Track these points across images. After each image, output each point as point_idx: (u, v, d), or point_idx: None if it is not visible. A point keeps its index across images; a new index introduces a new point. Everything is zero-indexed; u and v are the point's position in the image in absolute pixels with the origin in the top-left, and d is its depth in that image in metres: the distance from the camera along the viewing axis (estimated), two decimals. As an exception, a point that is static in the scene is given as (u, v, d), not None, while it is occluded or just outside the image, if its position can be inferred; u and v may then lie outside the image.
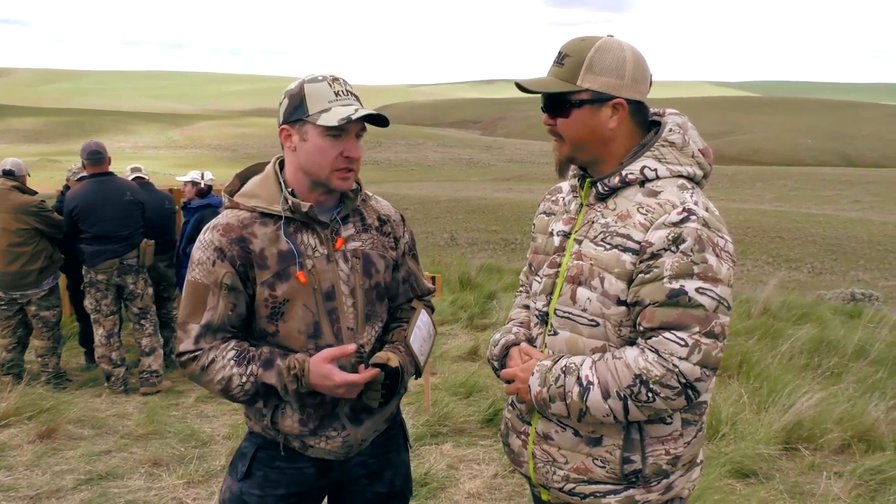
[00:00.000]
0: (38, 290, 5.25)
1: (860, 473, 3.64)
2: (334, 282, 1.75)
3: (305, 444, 1.80)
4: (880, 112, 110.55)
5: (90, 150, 5.26)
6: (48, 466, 3.82)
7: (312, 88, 1.69)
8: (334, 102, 1.68)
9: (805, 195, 42.34)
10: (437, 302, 7.37)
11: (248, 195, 1.76)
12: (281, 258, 1.71)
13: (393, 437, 1.96)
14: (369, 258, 1.81)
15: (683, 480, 1.66)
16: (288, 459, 1.82)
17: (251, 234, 1.71)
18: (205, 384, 1.73)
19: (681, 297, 1.48)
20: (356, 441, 1.83)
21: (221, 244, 1.70)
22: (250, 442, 1.87)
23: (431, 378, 4.90)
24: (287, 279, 1.71)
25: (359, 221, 1.83)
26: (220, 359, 1.69)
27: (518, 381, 1.67)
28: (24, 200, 5.21)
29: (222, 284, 1.69)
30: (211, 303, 1.69)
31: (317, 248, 1.74)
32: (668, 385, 1.48)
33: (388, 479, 1.93)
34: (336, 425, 1.79)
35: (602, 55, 1.56)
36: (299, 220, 1.73)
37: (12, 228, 5.13)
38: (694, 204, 1.53)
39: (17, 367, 5.35)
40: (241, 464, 1.85)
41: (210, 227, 1.74)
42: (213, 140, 78.26)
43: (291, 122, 1.70)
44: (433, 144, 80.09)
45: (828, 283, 18.66)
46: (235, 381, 1.67)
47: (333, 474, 1.85)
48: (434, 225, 28.19)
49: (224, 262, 1.69)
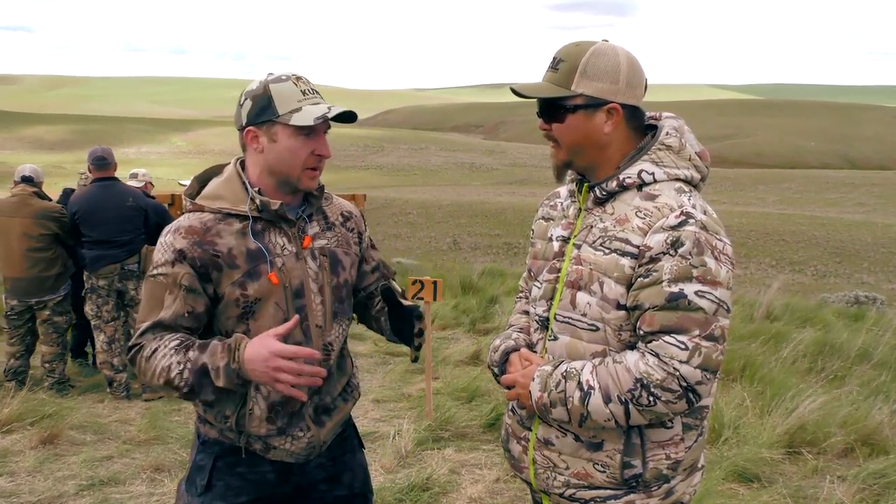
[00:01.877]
0: (56, 295, 5.27)
1: (864, 477, 3.62)
2: (303, 279, 1.75)
3: (268, 445, 1.78)
4: (883, 114, 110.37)
5: (96, 154, 5.30)
6: (50, 472, 3.82)
7: (279, 88, 1.68)
8: (303, 101, 1.68)
9: (808, 198, 42.28)
10: (439, 306, 7.36)
11: (212, 197, 1.74)
12: (250, 257, 1.70)
13: (347, 439, 1.95)
14: (336, 256, 1.82)
15: (684, 485, 1.65)
16: (249, 464, 1.79)
17: (216, 235, 1.70)
18: (150, 379, 1.65)
19: (680, 300, 1.48)
20: (319, 442, 1.82)
21: (182, 246, 1.68)
22: (205, 453, 1.81)
23: (433, 382, 4.89)
24: (258, 278, 1.70)
25: (322, 220, 1.84)
26: (162, 348, 1.64)
27: (518, 386, 1.66)
28: (46, 206, 5.26)
29: (180, 285, 1.67)
30: (167, 302, 1.67)
31: (286, 247, 1.74)
32: (669, 388, 1.48)
33: (346, 482, 1.92)
34: (302, 425, 1.79)
35: (596, 60, 1.57)
36: (266, 219, 1.73)
37: (34, 234, 5.16)
38: (692, 207, 1.53)
39: (22, 374, 5.36)
40: (199, 477, 1.80)
41: (171, 230, 1.72)
42: (216, 146, 78.49)
43: (258, 124, 1.69)
44: (436, 148, 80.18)
45: (831, 285, 18.61)
46: (174, 369, 1.61)
47: (293, 478, 1.84)
48: (436, 229, 28.20)
49: (183, 264, 1.67)
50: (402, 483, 3.55)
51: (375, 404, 4.94)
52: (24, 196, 5.24)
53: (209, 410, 1.79)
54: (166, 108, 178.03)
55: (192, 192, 1.79)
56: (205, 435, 1.83)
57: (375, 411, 4.79)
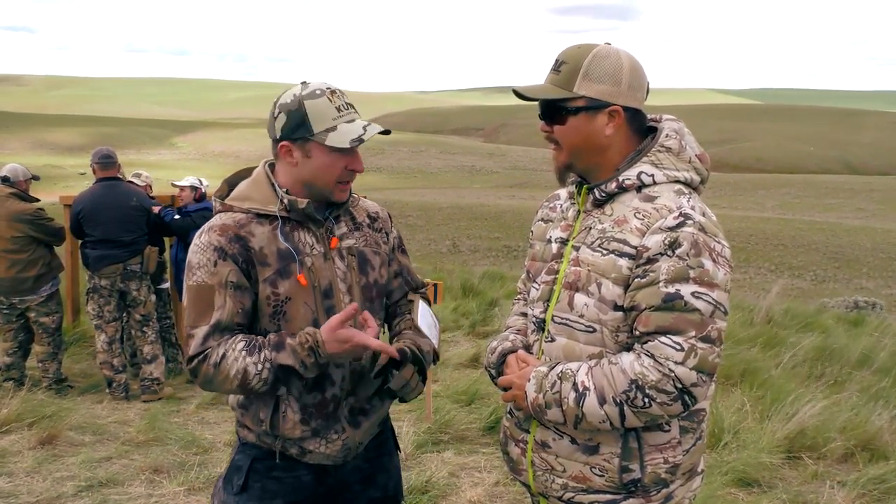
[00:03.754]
0: (36, 296, 5.26)
1: (864, 483, 3.62)
2: (332, 279, 1.75)
3: (304, 449, 1.78)
4: (883, 120, 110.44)
5: (102, 154, 5.30)
6: (49, 473, 3.81)
7: (314, 105, 1.67)
8: (338, 119, 1.68)
9: (808, 203, 42.29)
10: (439, 309, 7.35)
11: (241, 198, 1.75)
12: (281, 256, 1.71)
13: (384, 442, 1.95)
14: (364, 255, 1.82)
15: (684, 490, 1.65)
16: (285, 468, 1.80)
17: (249, 232, 1.70)
18: (220, 384, 1.65)
19: (676, 301, 1.47)
20: (354, 444, 1.82)
21: (221, 244, 1.67)
22: (244, 454, 1.83)
23: (433, 385, 4.89)
24: (288, 276, 1.70)
25: (349, 220, 1.84)
26: (232, 351, 1.63)
27: (515, 387, 1.66)
28: (20, 208, 5.21)
29: (228, 283, 1.66)
30: (219, 302, 1.66)
31: (314, 247, 1.74)
32: (663, 390, 1.47)
33: (381, 484, 1.92)
34: (337, 427, 1.78)
35: (598, 62, 1.57)
36: (295, 219, 1.74)
37: (7, 235, 5.14)
38: (690, 209, 1.53)
39: (17, 372, 5.35)
40: (236, 477, 1.81)
41: (205, 230, 1.72)
42: (217, 146, 78.50)
43: (293, 139, 1.70)
44: (436, 151, 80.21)
45: (831, 291, 18.61)
46: (252, 370, 1.61)
47: (329, 480, 1.84)
48: (436, 232, 28.19)
49: (227, 261, 1.66)
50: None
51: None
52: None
53: (245, 414, 1.80)
54: (167, 110, 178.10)
55: (223, 194, 1.80)
56: (244, 438, 1.85)
57: (374, 414, 4.79)
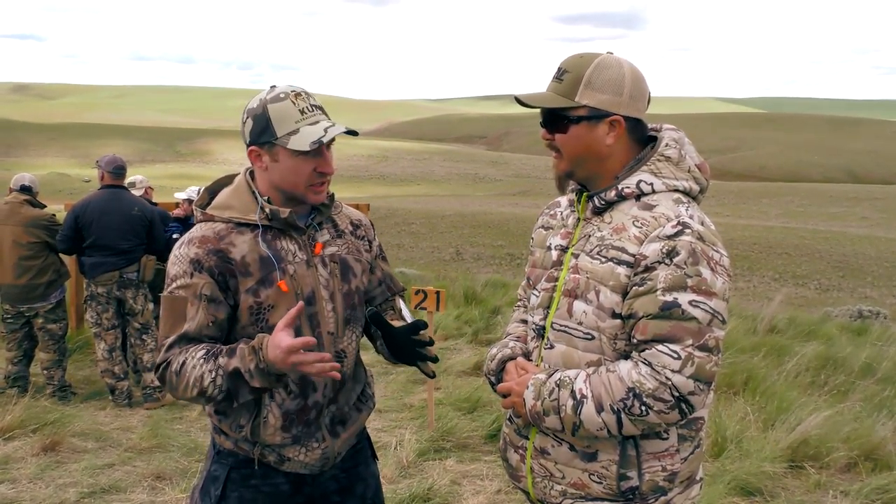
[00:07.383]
0: (46, 303, 5.30)
1: (867, 493, 3.60)
2: (314, 287, 1.75)
3: (283, 456, 1.78)
4: (887, 129, 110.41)
5: (116, 163, 5.31)
6: (52, 479, 3.82)
7: (276, 109, 1.67)
8: (301, 122, 1.67)
9: (812, 212, 42.23)
10: (442, 317, 7.36)
11: (222, 207, 1.75)
12: (263, 264, 1.71)
13: (360, 451, 1.95)
14: (346, 263, 1.83)
15: (682, 498, 1.65)
16: (262, 476, 1.80)
17: (229, 243, 1.70)
18: (182, 392, 1.64)
19: (674, 309, 1.48)
20: (333, 453, 1.82)
21: (198, 256, 1.68)
22: (220, 464, 1.82)
23: (435, 393, 4.89)
24: (270, 285, 1.71)
25: (332, 227, 1.84)
26: (191, 359, 1.63)
27: (513, 395, 1.67)
28: (36, 214, 5.30)
29: (201, 295, 1.66)
30: (190, 313, 1.66)
31: (296, 254, 1.75)
32: (661, 398, 1.48)
33: (359, 493, 1.92)
34: (318, 435, 1.79)
35: (600, 72, 1.58)
36: (276, 227, 1.74)
37: (23, 241, 5.19)
38: (689, 217, 1.54)
39: (22, 380, 5.38)
40: (213, 488, 1.80)
41: (184, 241, 1.72)
42: (221, 154, 78.82)
43: (260, 144, 1.70)
44: (439, 159, 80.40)
45: (835, 299, 18.54)
46: (207, 378, 1.60)
47: (307, 490, 1.84)
48: (439, 240, 28.22)
49: (202, 274, 1.67)
50: (404, 494, 3.54)
51: (377, 414, 4.93)
52: (14, 204, 5.28)
53: (224, 420, 1.79)
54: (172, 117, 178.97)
55: (203, 203, 1.80)
56: (220, 445, 1.84)
57: (377, 421, 4.79)
